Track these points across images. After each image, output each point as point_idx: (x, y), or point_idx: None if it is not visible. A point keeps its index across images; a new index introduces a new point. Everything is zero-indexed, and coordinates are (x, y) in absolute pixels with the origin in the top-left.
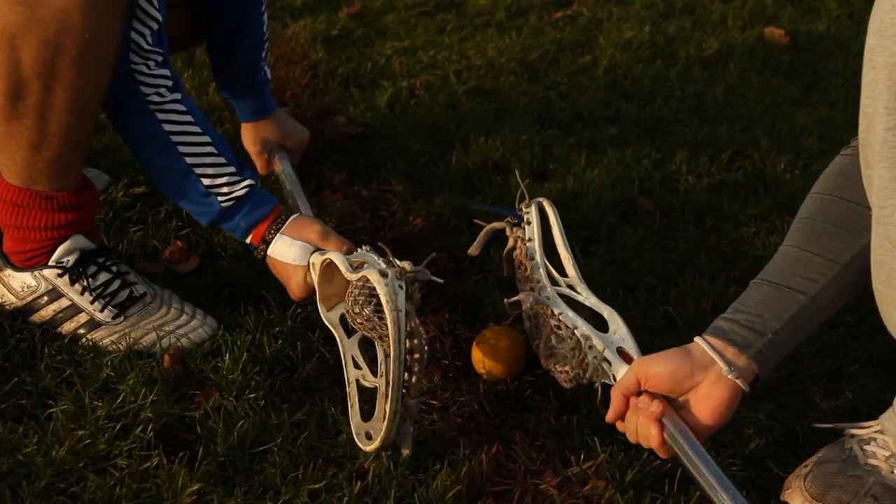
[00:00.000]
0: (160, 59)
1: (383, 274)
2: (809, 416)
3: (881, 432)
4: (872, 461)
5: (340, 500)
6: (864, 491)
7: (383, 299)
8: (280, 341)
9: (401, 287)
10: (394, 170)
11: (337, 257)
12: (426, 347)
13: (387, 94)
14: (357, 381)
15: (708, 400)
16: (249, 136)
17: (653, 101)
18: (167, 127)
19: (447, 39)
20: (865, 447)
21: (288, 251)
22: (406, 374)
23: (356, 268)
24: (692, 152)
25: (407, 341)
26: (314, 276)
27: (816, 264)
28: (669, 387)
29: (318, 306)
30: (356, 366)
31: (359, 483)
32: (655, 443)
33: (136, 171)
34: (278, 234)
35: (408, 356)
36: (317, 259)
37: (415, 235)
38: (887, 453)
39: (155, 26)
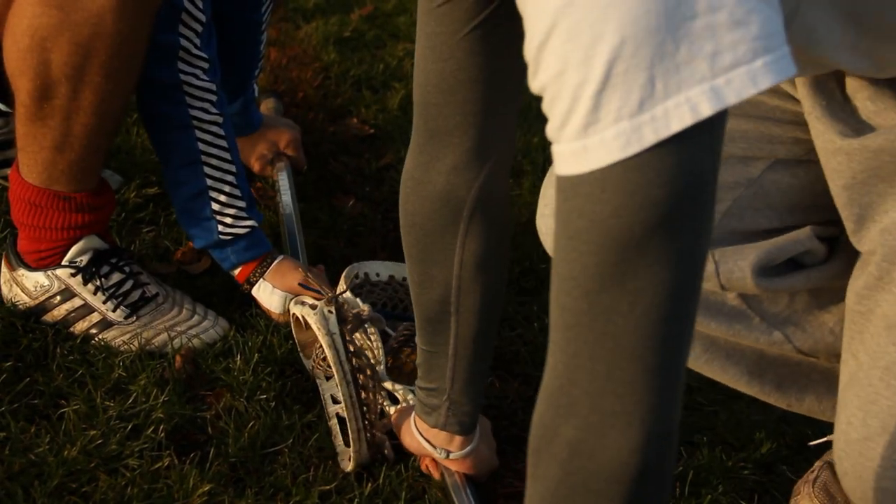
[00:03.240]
0: (207, 66)
1: (313, 307)
2: (820, 419)
3: None
4: None
5: (351, 501)
6: None
7: (314, 327)
8: (291, 342)
9: (330, 312)
10: None
11: (296, 308)
12: (382, 361)
13: (399, 96)
14: (337, 414)
15: (457, 465)
16: (245, 153)
17: None
18: (201, 145)
19: None
20: None
21: (269, 299)
22: (363, 393)
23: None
24: None
25: (355, 360)
26: (292, 327)
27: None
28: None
29: (301, 355)
30: (335, 401)
31: (369, 484)
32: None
33: (148, 172)
34: (261, 280)
35: (359, 375)
36: (292, 308)
37: None
38: None
39: (200, 29)
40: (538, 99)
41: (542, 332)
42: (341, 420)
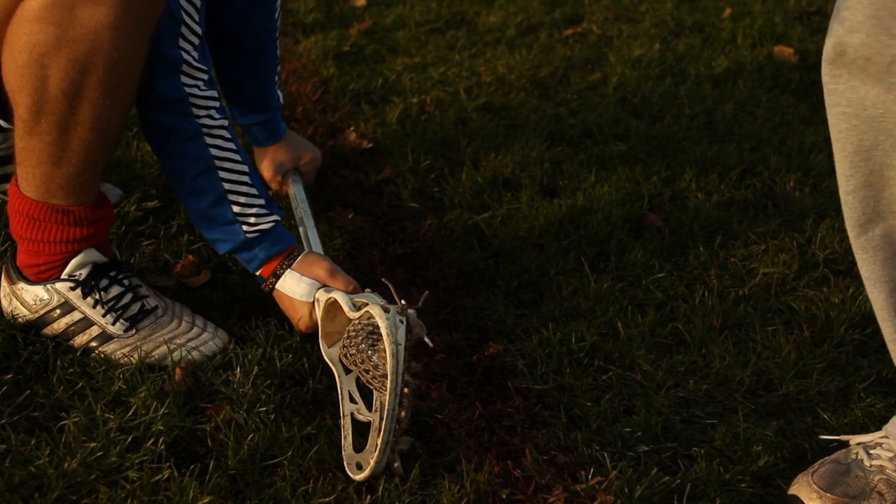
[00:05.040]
0: (206, 77)
1: (385, 309)
2: (818, 433)
3: (886, 437)
4: (877, 462)
5: None
6: (871, 487)
7: (384, 332)
8: (291, 355)
9: (401, 322)
10: (404, 186)
11: (341, 296)
12: (415, 385)
13: (397, 111)
14: (352, 414)
15: None
16: (263, 161)
17: (662, 119)
18: (213, 151)
19: (457, 56)
20: (871, 451)
21: (296, 287)
22: (402, 411)
23: (358, 307)
24: (701, 170)
25: (405, 375)
26: (318, 313)
27: None
28: None
29: (320, 342)
30: (352, 400)
31: (368, 497)
32: None
33: (148, 186)
34: (288, 270)
35: (405, 388)
36: (322, 296)
37: (424, 251)
38: (891, 454)
39: (197, 41)
40: (535, 112)
41: (540, 345)
42: (355, 423)
